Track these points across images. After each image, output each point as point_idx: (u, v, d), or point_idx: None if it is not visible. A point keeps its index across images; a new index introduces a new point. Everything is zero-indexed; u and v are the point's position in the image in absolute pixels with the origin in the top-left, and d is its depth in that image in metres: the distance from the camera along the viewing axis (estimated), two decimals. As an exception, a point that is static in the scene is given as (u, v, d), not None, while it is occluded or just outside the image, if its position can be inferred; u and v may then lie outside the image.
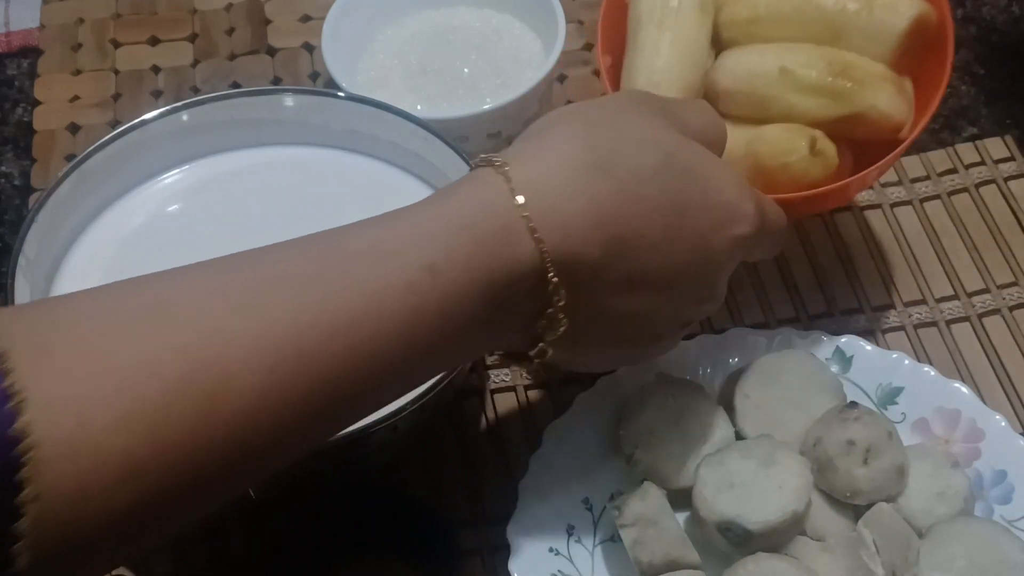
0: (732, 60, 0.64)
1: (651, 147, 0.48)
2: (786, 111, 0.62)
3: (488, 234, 0.45)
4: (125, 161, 0.68)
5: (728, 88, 0.63)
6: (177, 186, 0.70)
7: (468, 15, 0.81)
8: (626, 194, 0.47)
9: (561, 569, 0.59)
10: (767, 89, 0.63)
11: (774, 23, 0.65)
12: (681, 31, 0.64)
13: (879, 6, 0.63)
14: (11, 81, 0.85)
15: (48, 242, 0.65)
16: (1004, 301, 0.73)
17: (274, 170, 0.71)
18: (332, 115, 0.71)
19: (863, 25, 0.63)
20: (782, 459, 0.58)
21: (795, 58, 0.62)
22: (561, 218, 0.46)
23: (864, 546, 0.56)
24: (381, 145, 0.71)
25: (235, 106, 0.70)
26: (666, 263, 0.48)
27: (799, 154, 0.61)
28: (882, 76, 0.62)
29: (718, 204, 0.49)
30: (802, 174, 0.61)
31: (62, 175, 0.65)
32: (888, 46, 0.63)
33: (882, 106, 0.62)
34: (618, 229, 0.46)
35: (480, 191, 0.46)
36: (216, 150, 0.71)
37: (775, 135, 0.62)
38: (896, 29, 0.63)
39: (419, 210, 0.46)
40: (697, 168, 0.49)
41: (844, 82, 0.61)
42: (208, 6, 0.89)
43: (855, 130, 0.63)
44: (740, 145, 0.62)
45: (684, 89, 0.63)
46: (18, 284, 0.61)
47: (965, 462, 0.62)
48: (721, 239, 0.50)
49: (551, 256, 0.45)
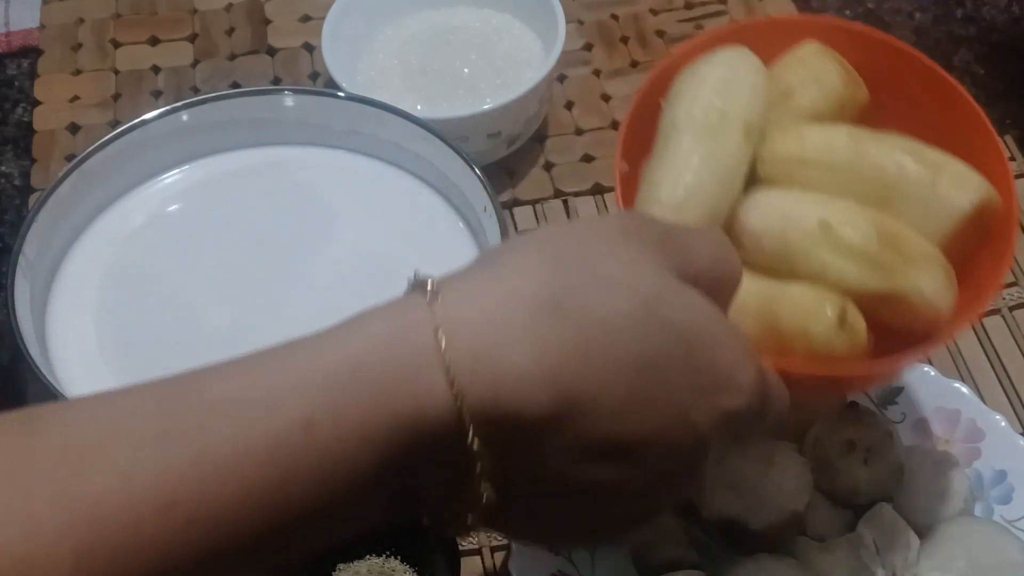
0: (766, 199, 0.54)
1: (627, 291, 0.39)
2: (817, 271, 0.52)
3: (392, 381, 0.37)
4: (125, 161, 0.68)
5: (756, 229, 0.53)
6: (177, 186, 0.70)
7: (468, 15, 0.81)
8: (586, 345, 0.38)
9: (561, 569, 0.59)
10: (800, 241, 0.52)
11: (821, 170, 0.55)
12: (720, 149, 0.54)
13: (945, 180, 0.53)
14: (11, 81, 0.85)
15: (48, 242, 0.65)
16: (1004, 301, 0.73)
17: (274, 170, 0.71)
18: (332, 115, 0.71)
19: (923, 197, 0.53)
20: (782, 459, 0.58)
21: (839, 213, 0.52)
22: (496, 368, 0.37)
23: (864, 546, 0.56)
24: (381, 145, 0.71)
25: (235, 106, 0.70)
26: (631, 433, 0.39)
27: (825, 323, 0.50)
28: (933, 258, 0.52)
29: (704, 369, 0.40)
30: (823, 347, 0.50)
31: (62, 175, 0.65)
32: (945, 226, 0.53)
33: (927, 291, 0.51)
34: (571, 387, 0.37)
35: (395, 325, 0.38)
36: (216, 150, 0.71)
37: (800, 295, 0.51)
38: (959, 210, 0.53)
39: (310, 345, 0.38)
40: (684, 322, 0.40)
41: (890, 253, 0.51)
42: (208, 6, 0.89)
43: (886, 311, 0.52)
44: (757, 299, 0.52)
45: (710, 216, 0.53)
46: (18, 284, 0.61)
47: (965, 462, 0.62)
48: (704, 411, 0.40)
49: (472, 414, 0.37)
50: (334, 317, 0.67)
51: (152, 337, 0.64)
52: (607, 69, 0.85)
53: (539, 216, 0.77)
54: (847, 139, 0.55)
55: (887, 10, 0.88)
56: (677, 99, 0.56)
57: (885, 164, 0.54)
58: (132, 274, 0.66)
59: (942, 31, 0.87)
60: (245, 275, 0.66)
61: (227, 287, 0.66)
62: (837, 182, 0.54)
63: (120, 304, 0.65)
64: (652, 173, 0.54)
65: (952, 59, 0.85)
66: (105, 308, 0.65)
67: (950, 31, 0.87)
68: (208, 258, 0.67)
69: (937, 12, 0.88)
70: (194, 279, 0.66)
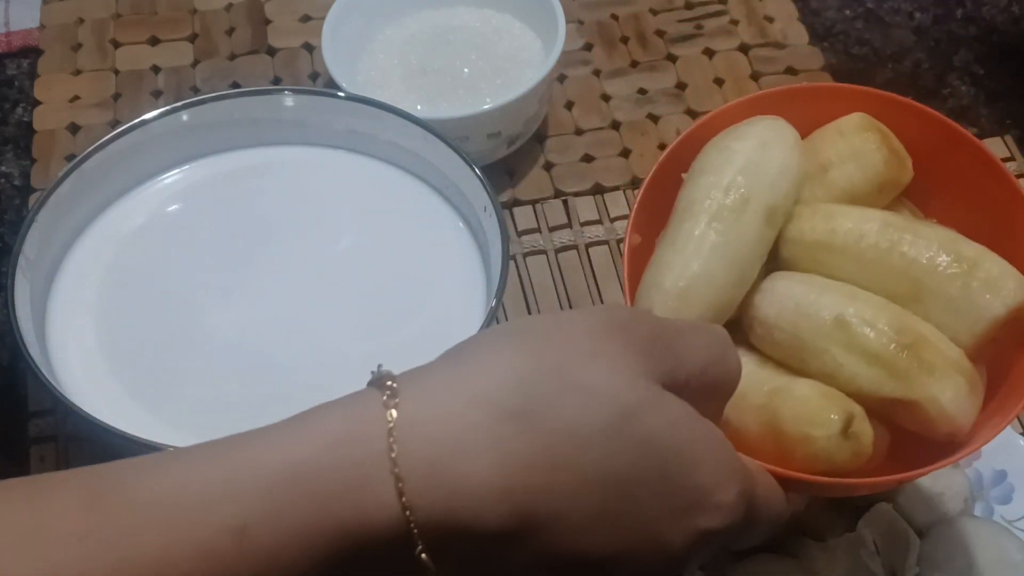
0: (783, 286, 0.51)
1: (601, 401, 0.37)
2: (828, 371, 0.49)
3: (337, 491, 0.34)
4: (125, 161, 0.68)
5: (768, 319, 0.51)
6: (177, 186, 0.70)
7: (468, 15, 0.81)
8: (552, 460, 0.36)
9: (561, 569, 0.59)
10: (813, 337, 0.49)
11: (847, 258, 0.51)
12: (735, 236, 0.51)
13: (980, 279, 0.49)
14: (11, 81, 0.85)
15: (48, 242, 0.65)
16: (1004, 301, 0.72)
17: (274, 170, 0.71)
18: (332, 115, 0.71)
19: (953, 296, 0.50)
20: (782, 459, 0.58)
21: (859, 310, 0.49)
22: (450, 477, 0.35)
23: (864, 546, 0.56)
24: (381, 145, 0.71)
25: (235, 106, 0.70)
26: (598, 551, 0.37)
27: (828, 430, 0.47)
28: (956, 365, 0.49)
29: (681, 488, 0.38)
30: (823, 455, 0.47)
31: (62, 175, 0.65)
32: (975, 329, 0.50)
33: (945, 403, 0.48)
34: (532, 502, 0.36)
35: (347, 425, 0.36)
36: (216, 150, 0.71)
37: (805, 396, 0.48)
38: (992, 313, 0.49)
39: (258, 441, 0.36)
40: (662, 436, 0.38)
41: (908, 358, 0.48)
42: (208, 6, 0.89)
43: (902, 416, 0.49)
44: (759, 393, 0.49)
45: (717, 306, 0.50)
46: (18, 284, 0.61)
47: (965, 462, 0.62)
48: (680, 531, 0.38)
49: (422, 526, 0.35)
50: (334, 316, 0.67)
51: (152, 337, 0.64)
52: (607, 69, 0.85)
53: (539, 216, 0.77)
54: (880, 226, 0.51)
55: (887, 10, 0.88)
56: (698, 175, 0.52)
57: (917, 257, 0.50)
58: (132, 274, 0.66)
59: (942, 31, 0.87)
60: (245, 275, 0.66)
61: (227, 287, 0.66)
62: (864, 273, 0.51)
63: (120, 304, 0.65)
64: (661, 255, 0.52)
65: (952, 59, 0.85)
66: (105, 308, 0.65)
67: (950, 31, 0.87)
68: (208, 258, 0.67)
69: (937, 12, 0.88)
70: (194, 279, 0.66)
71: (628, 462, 0.37)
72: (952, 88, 0.83)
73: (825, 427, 0.47)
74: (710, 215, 0.51)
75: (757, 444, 0.47)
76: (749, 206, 0.51)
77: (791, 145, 0.53)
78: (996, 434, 0.49)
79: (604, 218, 0.77)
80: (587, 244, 0.76)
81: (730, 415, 0.47)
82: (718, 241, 0.50)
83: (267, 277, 0.66)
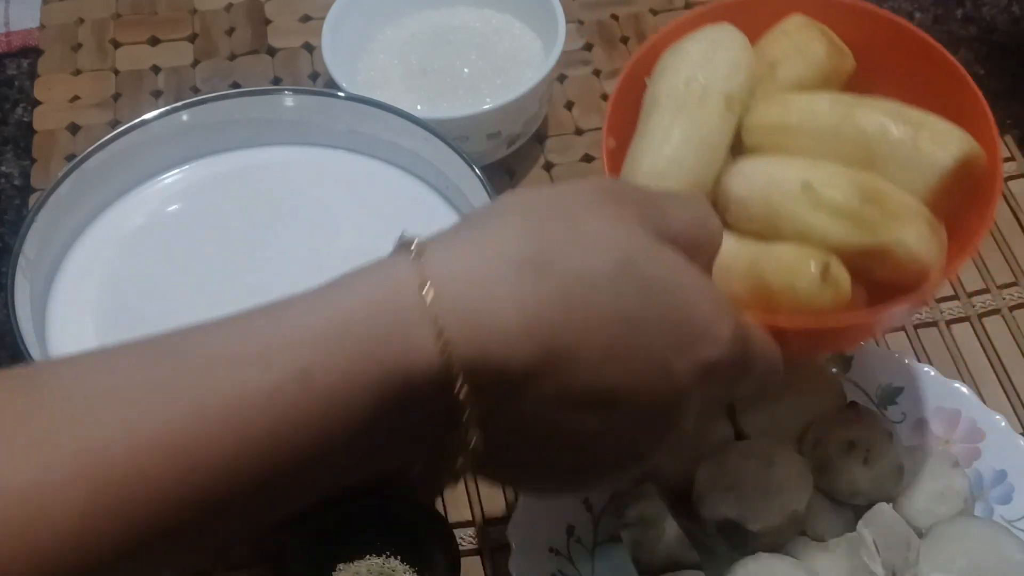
0: (750, 166, 0.56)
1: (606, 247, 0.41)
2: (802, 231, 0.53)
3: (382, 335, 0.38)
4: (125, 161, 0.68)
5: (741, 196, 0.55)
6: (177, 186, 0.70)
7: (468, 15, 0.81)
8: (566, 300, 0.39)
9: (561, 569, 0.59)
10: (784, 203, 0.54)
11: (804, 135, 0.56)
12: (700, 122, 0.56)
13: (925, 137, 0.55)
14: (11, 81, 0.85)
15: (48, 242, 0.65)
16: (1004, 301, 0.73)
17: (274, 170, 0.71)
18: (332, 115, 0.71)
19: (904, 155, 0.55)
20: (782, 459, 0.58)
21: (821, 175, 0.54)
22: (481, 320, 0.38)
23: (864, 546, 0.56)
24: (381, 145, 0.71)
25: (235, 106, 0.70)
26: (612, 385, 0.41)
27: (808, 278, 0.52)
28: (916, 211, 0.53)
29: (683, 321, 0.42)
30: (808, 301, 0.52)
31: (62, 175, 0.65)
32: (928, 183, 0.54)
33: (910, 243, 0.52)
34: (552, 339, 0.39)
35: (383, 282, 0.39)
36: (216, 150, 0.71)
37: (784, 253, 0.53)
38: (940, 166, 0.54)
39: (302, 303, 0.39)
40: (662, 278, 0.42)
41: (872, 209, 0.53)
42: (208, 6, 0.89)
43: (875, 268, 0.53)
44: (744, 260, 0.54)
45: (692, 183, 0.55)
46: (18, 284, 0.61)
47: (965, 462, 0.62)
48: (685, 363, 0.42)
49: (460, 364, 0.38)
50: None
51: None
52: (607, 69, 0.85)
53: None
54: (829, 104, 0.57)
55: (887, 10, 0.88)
56: (660, 76, 0.58)
57: (867, 126, 0.55)
58: (132, 274, 0.66)
59: (942, 31, 0.87)
60: (244, 275, 0.66)
61: (226, 287, 0.66)
62: (821, 146, 0.56)
63: (120, 304, 0.65)
64: (636, 147, 0.56)
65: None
66: (105, 308, 0.65)
67: (950, 31, 0.87)
68: (207, 258, 0.67)
69: (937, 12, 0.88)
70: (193, 279, 0.66)
71: (634, 301, 0.41)
72: (952, 88, 0.83)
73: (806, 276, 0.51)
74: (675, 107, 0.56)
75: (747, 307, 0.50)
76: (709, 95, 0.56)
77: (740, 43, 0.58)
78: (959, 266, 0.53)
79: (604, 218, 0.77)
80: (587, 244, 0.76)
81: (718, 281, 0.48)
82: (685, 127, 0.55)
83: (266, 277, 0.66)
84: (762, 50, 0.60)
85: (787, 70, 0.59)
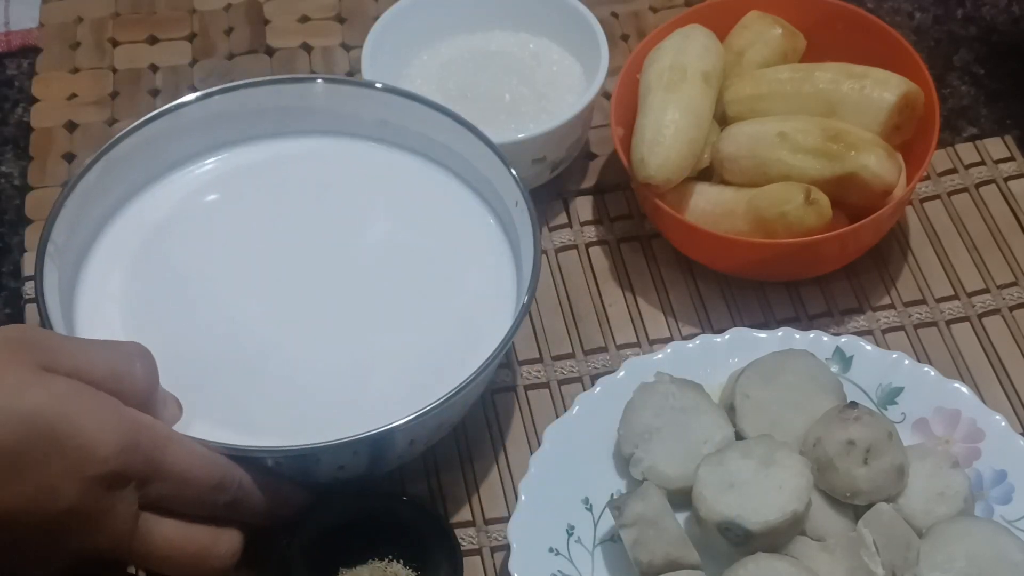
0: (736, 129, 0.71)
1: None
2: (784, 171, 0.68)
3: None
4: (152, 149, 0.68)
5: (732, 154, 0.70)
6: (205, 176, 0.70)
7: (504, 39, 0.80)
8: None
9: (561, 569, 0.59)
10: (767, 152, 0.69)
11: (775, 99, 0.72)
12: (687, 95, 0.70)
13: (870, 84, 0.70)
14: (11, 81, 0.85)
15: (76, 229, 0.64)
16: (1004, 301, 0.73)
17: (302, 161, 0.71)
18: (363, 105, 0.70)
19: (856, 100, 0.70)
20: (782, 459, 0.58)
21: (793, 125, 0.69)
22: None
23: (864, 546, 0.56)
24: (412, 137, 0.70)
25: (267, 93, 0.70)
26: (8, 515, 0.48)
27: (795, 203, 0.66)
28: (872, 141, 0.68)
29: (71, 447, 0.48)
30: (798, 223, 0.66)
31: (90, 162, 0.65)
32: (878, 119, 0.70)
33: (873, 166, 0.67)
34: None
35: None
36: (243, 140, 0.71)
37: (773, 190, 0.68)
38: (885, 103, 0.69)
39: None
40: (47, 408, 0.48)
41: (837, 145, 0.67)
42: (207, 6, 0.89)
43: (848, 192, 0.68)
44: (743, 204, 0.68)
45: (688, 142, 0.69)
46: (47, 271, 0.61)
47: (965, 462, 0.62)
48: (77, 483, 0.49)
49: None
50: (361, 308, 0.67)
51: (179, 327, 0.63)
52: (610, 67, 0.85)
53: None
54: (790, 73, 0.73)
55: (887, 10, 0.88)
56: (647, 68, 0.73)
57: (823, 83, 0.71)
58: (159, 263, 0.66)
59: (942, 31, 0.87)
60: (272, 266, 0.66)
61: (254, 278, 0.66)
62: (788, 105, 0.71)
63: (147, 294, 0.65)
64: (638, 123, 0.70)
65: (952, 59, 0.85)
66: (132, 297, 0.65)
67: (950, 31, 0.87)
68: (235, 249, 0.67)
69: (937, 12, 0.88)
70: (221, 269, 0.66)
71: (15, 435, 0.47)
72: (952, 88, 0.83)
73: (793, 201, 0.67)
74: (663, 88, 0.70)
75: (751, 236, 0.68)
76: (688, 74, 0.70)
77: (707, 34, 0.73)
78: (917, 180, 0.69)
79: (604, 218, 0.77)
80: (587, 244, 0.76)
81: (725, 225, 0.68)
82: (675, 101, 0.69)
83: (295, 268, 0.66)
84: (729, 43, 0.75)
85: (752, 54, 0.75)
